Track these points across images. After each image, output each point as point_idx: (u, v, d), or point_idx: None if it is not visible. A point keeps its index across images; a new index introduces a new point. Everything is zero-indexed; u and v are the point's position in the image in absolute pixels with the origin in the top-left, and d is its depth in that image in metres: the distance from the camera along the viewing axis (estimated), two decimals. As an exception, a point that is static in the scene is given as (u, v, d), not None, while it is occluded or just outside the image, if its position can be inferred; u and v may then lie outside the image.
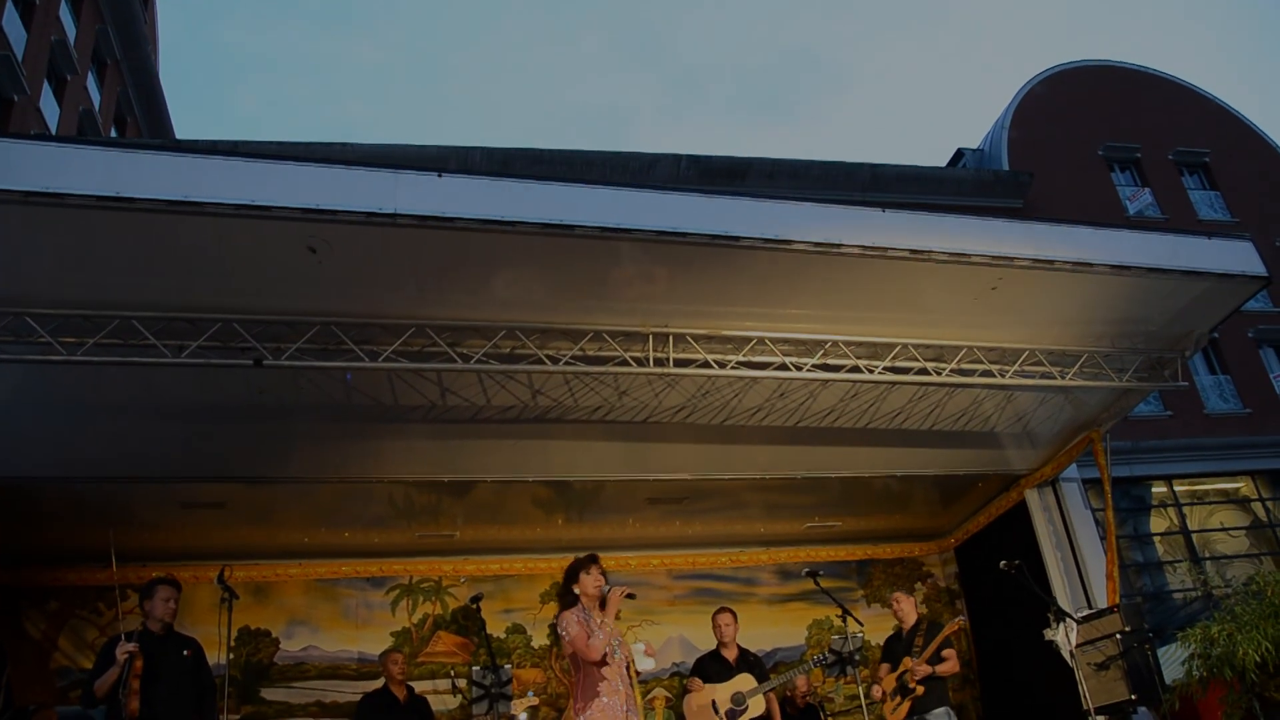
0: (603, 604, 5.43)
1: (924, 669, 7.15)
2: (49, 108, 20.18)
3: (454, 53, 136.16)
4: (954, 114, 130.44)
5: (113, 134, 24.57)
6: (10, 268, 5.04)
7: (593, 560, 5.65)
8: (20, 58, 18.56)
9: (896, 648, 7.72)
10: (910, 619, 7.71)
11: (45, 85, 20.03)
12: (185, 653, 6.29)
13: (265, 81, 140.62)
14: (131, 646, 5.81)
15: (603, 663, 5.24)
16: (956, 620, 7.29)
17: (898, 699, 7.32)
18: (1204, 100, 25.67)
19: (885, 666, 7.75)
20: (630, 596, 5.62)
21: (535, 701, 7.47)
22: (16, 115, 18.38)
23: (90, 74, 22.86)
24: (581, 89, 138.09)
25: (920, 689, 7.14)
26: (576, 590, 5.48)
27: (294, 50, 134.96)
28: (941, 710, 7.11)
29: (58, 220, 4.67)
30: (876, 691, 7.60)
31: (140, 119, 26.42)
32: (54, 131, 19.70)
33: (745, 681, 7.21)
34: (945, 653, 7.22)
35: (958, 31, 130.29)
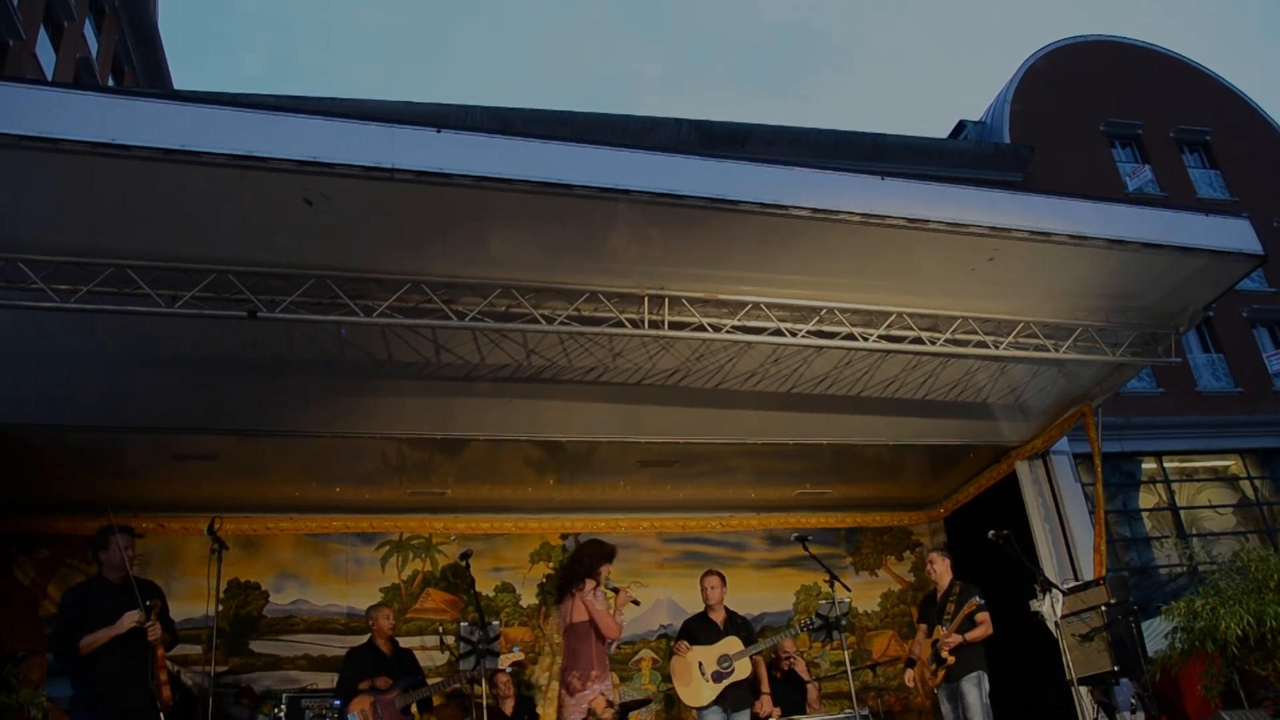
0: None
1: (954, 639, 7.24)
2: (45, 54, 19.89)
3: (459, 18, 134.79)
4: (956, 87, 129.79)
5: (110, 83, 24.31)
6: (4, 213, 5.00)
7: None
8: (16, 1, 18.31)
9: (931, 611, 7.78)
10: (945, 580, 7.74)
11: (42, 30, 19.74)
12: (149, 603, 5.60)
13: (268, 43, 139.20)
14: (139, 616, 5.40)
15: None
16: (973, 601, 7.30)
17: (934, 666, 7.43)
18: (1207, 78, 25.46)
19: (922, 629, 7.86)
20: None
21: (520, 657, 7.50)
22: (12, 60, 18.11)
23: (88, 21, 22.52)
24: (585, 58, 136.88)
25: (952, 659, 7.23)
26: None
27: (298, 12, 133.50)
28: (974, 675, 7.18)
29: (53, 166, 4.64)
30: (909, 678, 7.72)
31: (138, 70, 26.10)
32: (50, 78, 19.44)
33: (732, 644, 7.24)
34: (979, 617, 7.29)
35: (962, 3, 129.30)
